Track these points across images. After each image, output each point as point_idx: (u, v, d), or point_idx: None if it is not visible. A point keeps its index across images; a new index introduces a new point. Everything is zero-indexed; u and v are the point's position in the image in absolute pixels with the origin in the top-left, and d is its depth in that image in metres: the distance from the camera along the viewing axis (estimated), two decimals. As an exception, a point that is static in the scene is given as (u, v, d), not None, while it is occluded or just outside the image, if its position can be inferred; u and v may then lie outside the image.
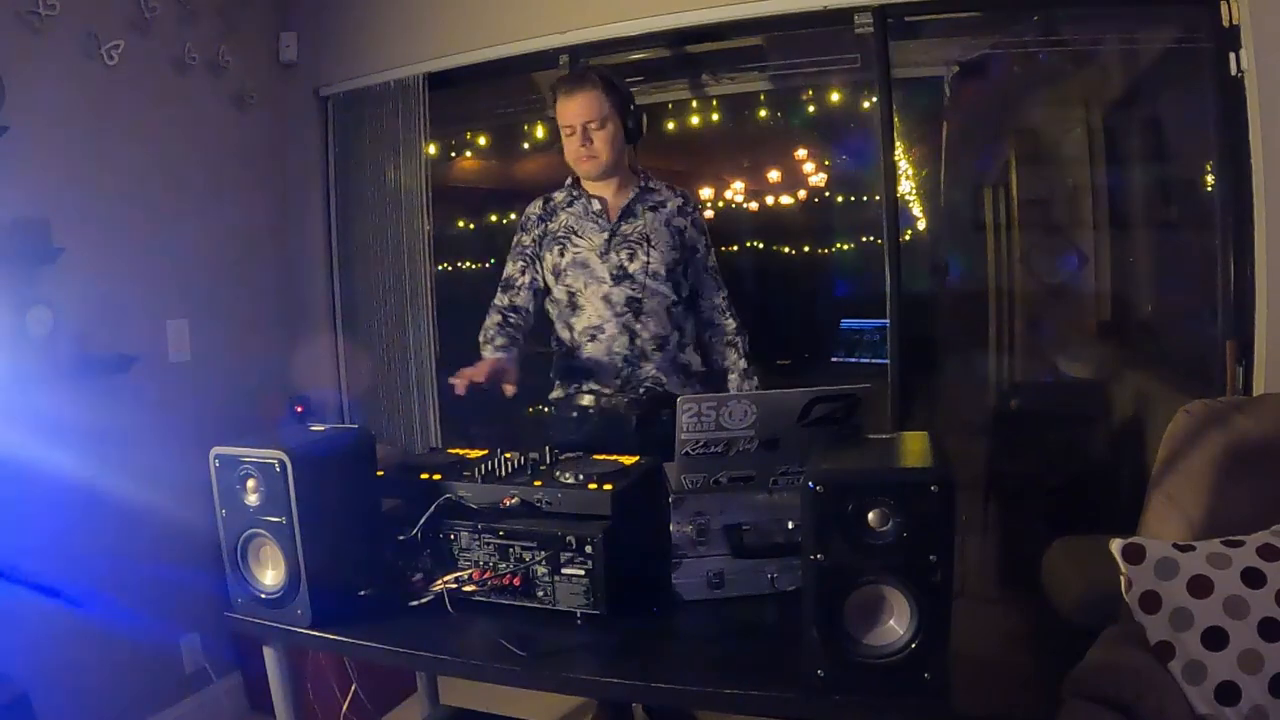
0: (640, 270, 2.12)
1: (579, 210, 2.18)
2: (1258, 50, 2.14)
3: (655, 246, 2.14)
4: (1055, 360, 3.54)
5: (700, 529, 1.41)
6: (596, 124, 2.07)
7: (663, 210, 2.19)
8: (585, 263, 2.14)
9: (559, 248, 2.17)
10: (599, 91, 2.07)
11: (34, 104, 2.23)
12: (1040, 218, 3.55)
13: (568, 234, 2.17)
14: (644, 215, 2.17)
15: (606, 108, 2.08)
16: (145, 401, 2.51)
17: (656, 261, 2.13)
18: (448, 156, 4.06)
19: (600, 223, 2.16)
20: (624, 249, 2.14)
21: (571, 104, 2.07)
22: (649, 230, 2.15)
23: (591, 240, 2.15)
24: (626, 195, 2.18)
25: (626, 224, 2.16)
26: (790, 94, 3.68)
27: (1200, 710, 1.45)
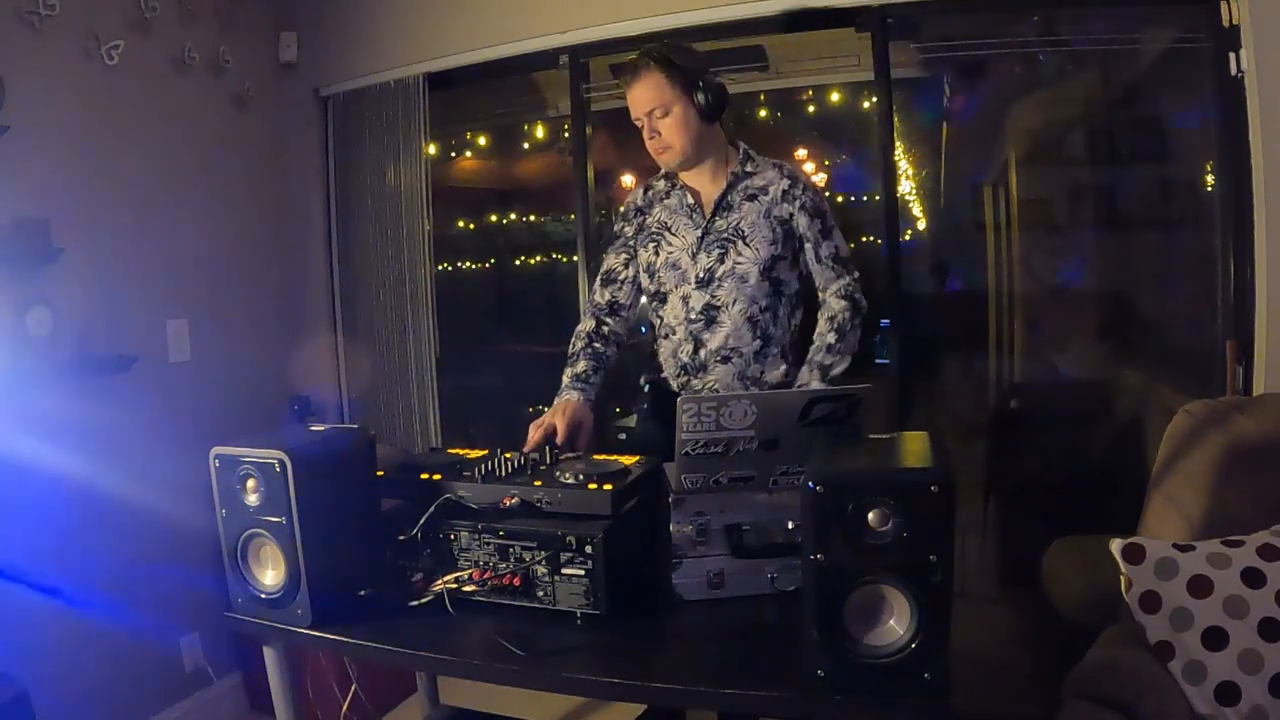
0: (728, 273, 1.92)
1: (675, 203, 2.00)
2: (1258, 50, 2.14)
3: (749, 243, 1.91)
4: (1055, 360, 3.54)
5: (700, 529, 1.41)
6: (660, 111, 1.88)
7: (763, 198, 1.93)
8: (677, 263, 1.97)
9: (653, 245, 2.00)
10: (657, 75, 1.87)
11: (34, 104, 2.24)
12: (1040, 218, 3.55)
13: (662, 230, 2.00)
14: (740, 207, 1.94)
15: (668, 91, 1.87)
16: (145, 401, 2.52)
17: (748, 261, 1.91)
18: (448, 156, 4.06)
19: (695, 218, 1.96)
20: (715, 248, 1.94)
21: (631, 94, 1.90)
22: (744, 224, 1.92)
23: (685, 238, 1.97)
24: (720, 184, 1.96)
25: (721, 218, 1.94)
26: (791, 94, 3.69)
27: (1200, 710, 1.45)
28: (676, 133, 1.89)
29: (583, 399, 1.92)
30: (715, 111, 1.91)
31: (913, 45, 2.68)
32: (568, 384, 1.96)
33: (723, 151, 1.98)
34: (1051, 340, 3.54)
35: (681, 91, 1.88)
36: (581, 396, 1.92)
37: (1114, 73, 3.18)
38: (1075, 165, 3.46)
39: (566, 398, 1.92)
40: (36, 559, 2.16)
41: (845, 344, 1.90)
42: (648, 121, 1.90)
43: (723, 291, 1.93)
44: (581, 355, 2.00)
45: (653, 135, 1.90)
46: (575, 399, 1.91)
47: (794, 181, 1.94)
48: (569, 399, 1.91)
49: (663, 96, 1.87)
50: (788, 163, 2.00)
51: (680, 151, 1.91)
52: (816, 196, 1.95)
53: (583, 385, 1.95)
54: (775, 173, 1.96)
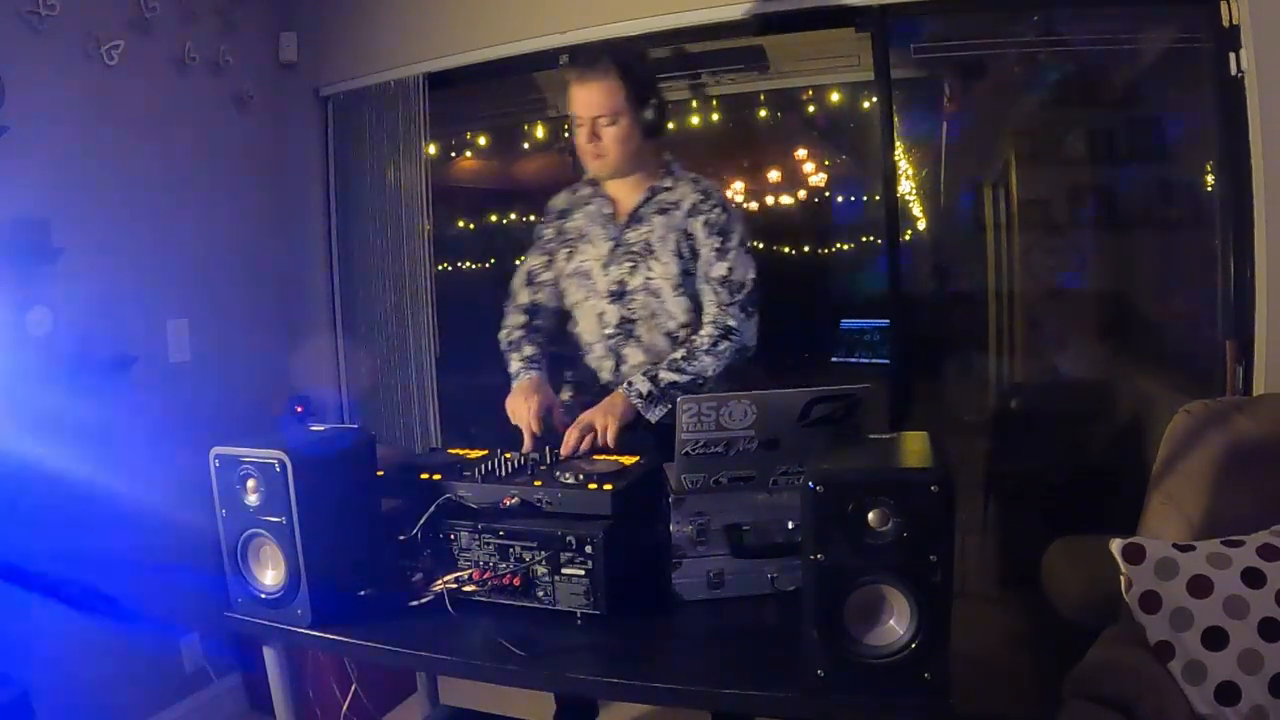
0: (640, 287, 1.89)
1: (594, 210, 1.97)
2: (1258, 50, 2.14)
3: (658, 258, 1.87)
4: (1055, 360, 3.54)
5: (700, 529, 1.41)
6: (607, 119, 1.82)
7: (674, 212, 1.90)
8: (587, 273, 1.94)
9: (567, 251, 1.97)
10: (612, 81, 1.80)
11: (34, 104, 2.23)
12: (1040, 218, 3.55)
13: (577, 237, 1.97)
14: (651, 220, 1.90)
15: (620, 101, 1.81)
16: (145, 401, 2.51)
17: (659, 276, 1.87)
18: (448, 156, 4.06)
19: (609, 228, 1.93)
20: (626, 260, 1.90)
21: (581, 94, 1.82)
22: (653, 238, 1.89)
23: (598, 247, 1.94)
24: (638, 196, 1.93)
25: (633, 230, 1.91)
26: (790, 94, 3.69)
27: (1200, 710, 1.45)
28: (617, 144, 1.84)
29: (541, 377, 1.89)
30: (657, 129, 1.88)
31: (912, 45, 2.68)
32: (522, 366, 1.91)
33: (651, 166, 1.93)
34: (1051, 340, 3.55)
35: (632, 103, 1.83)
36: (539, 374, 1.89)
37: (1114, 73, 3.19)
38: (1075, 165, 3.46)
39: (527, 376, 1.88)
40: (36, 559, 2.16)
41: (692, 363, 1.81)
42: (590, 125, 1.83)
43: (637, 305, 1.90)
44: (524, 342, 1.95)
45: (592, 140, 1.84)
46: (535, 376, 1.88)
47: (706, 196, 1.89)
48: (530, 377, 1.88)
49: (614, 104, 1.81)
50: (711, 181, 1.95)
51: (614, 163, 1.87)
52: (726, 216, 1.88)
53: (538, 366, 1.91)
54: (690, 187, 1.91)
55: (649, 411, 1.78)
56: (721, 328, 1.85)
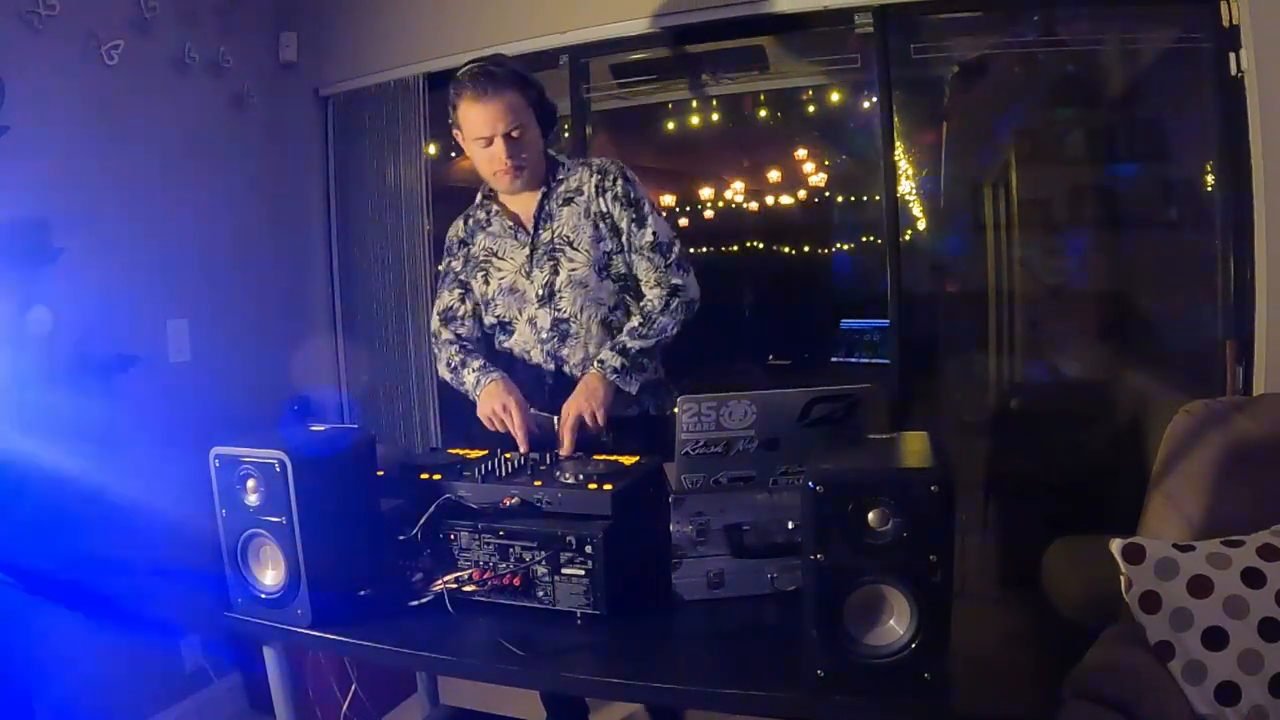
0: (565, 282, 1.89)
1: (496, 228, 1.97)
2: (1258, 50, 2.14)
3: (577, 247, 1.88)
4: (1055, 360, 3.54)
5: (700, 529, 1.41)
6: (519, 130, 1.82)
7: (579, 199, 1.91)
8: (513, 287, 1.94)
9: (482, 275, 1.97)
10: (512, 94, 1.81)
11: (34, 104, 2.23)
12: (1040, 218, 3.55)
13: (489, 258, 1.97)
14: (560, 213, 1.91)
15: (524, 110, 1.83)
16: (145, 401, 2.51)
17: (582, 265, 1.88)
18: (448, 156, 4.06)
19: (520, 237, 1.93)
20: (546, 260, 1.90)
21: (484, 112, 1.80)
22: (567, 229, 1.89)
23: (514, 259, 1.93)
24: (535, 198, 1.93)
25: (544, 230, 1.91)
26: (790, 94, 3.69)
27: (1200, 710, 1.45)
28: (532, 151, 1.87)
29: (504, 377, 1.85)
30: (550, 126, 1.93)
31: (912, 45, 2.68)
32: (480, 371, 1.87)
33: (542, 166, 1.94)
34: (1051, 340, 3.54)
35: (532, 110, 1.86)
36: (501, 376, 1.85)
37: (1114, 73, 3.18)
38: (1075, 165, 3.46)
39: (491, 379, 1.84)
40: (36, 559, 2.16)
41: (652, 327, 1.85)
42: (504, 142, 1.82)
43: (565, 302, 1.89)
44: (470, 357, 1.92)
45: (511, 154, 1.83)
46: (499, 377, 1.84)
47: (604, 174, 1.91)
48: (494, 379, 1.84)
49: (521, 115, 1.82)
50: (599, 158, 1.97)
51: (534, 169, 1.88)
52: (629, 185, 1.91)
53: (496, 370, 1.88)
54: (585, 171, 1.93)
55: (626, 383, 1.81)
56: (668, 288, 1.89)
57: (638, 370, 1.83)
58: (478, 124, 1.82)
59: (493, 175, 1.89)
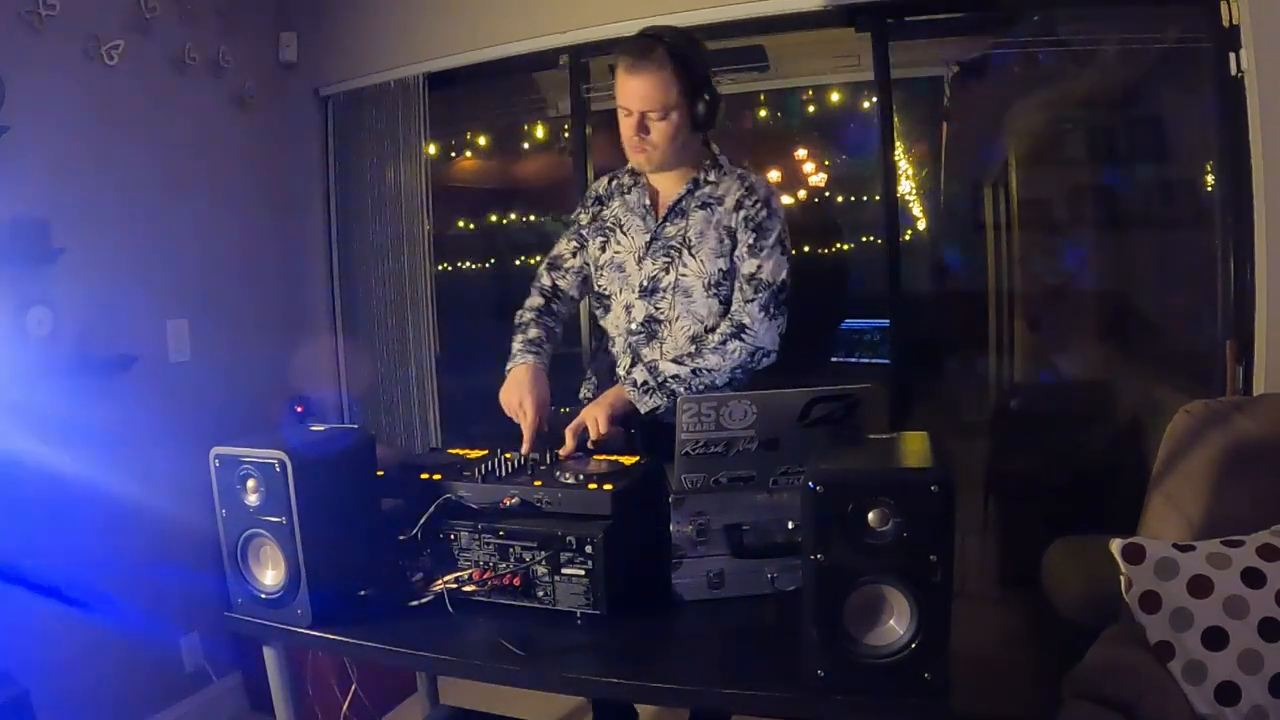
0: (672, 284, 1.80)
1: (634, 200, 1.88)
2: (1258, 50, 2.14)
3: (695, 254, 1.79)
4: (1055, 360, 3.54)
5: (700, 529, 1.41)
6: (659, 113, 1.71)
7: (717, 207, 1.80)
8: (622, 265, 1.87)
9: (601, 240, 1.89)
10: (666, 72, 1.69)
11: (34, 104, 2.23)
12: (1040, 218, 3.55)
13: (614, 226, 1.88)
14: (693, 214, 1.81)
15: (674, 94, 1.70)
16: (145, 401, 2.51)
17: (692, 274, 1.79)
18: (448, 156, 4.06)
19: (647, 220, 1.85)
20: (661, 255, 1.82)
21: (632, 84, 1.70)
22: (692, 233, 1.80)
23: (634, 239, 1.86)
24: (680, 188, 1.83)
25: (671, 224, 1.82)
26: (790, 94, 3.69)
27: (1200, 710, 1.45)
28: (666, 138, 1.74)
29: (538, 363, 1.80)
30: (709, 123, 1.79)
31: (912, 45, 2.68)
32: (521, 349, 1.82)
33: (697, 158, 1.85)
34: (1051, 340, 3.54)
35: (684, 96, 1.72)
36: (537, 361, 1.80)
37: (1114, 73, 3.18)
38: (1075, 165, 3.46)
39: (523, 362, 1.79)
40: (37, 559, 2.16)
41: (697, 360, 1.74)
42: (639, 118, 1.72)
43: (665, 304, 1.81)
44: (533, 324, 1.88)
45: (640, 133, 1.73)
46: (532, 363, 1.79)
47: (750, 192, 1.80)
48: (526, 364, 1.79)
49: (667, 98, 1.70)
50: (758, 176, 1.85)
51: (662, 158, 1.78)
52: (766, 212, 1.78)
53: (537, 350, 1.83)
54: (736, 183, 1.82)
55: (641, 402, 1.72)
56: (735, 325, 1.77)
57: (661, 393, 1.72)
58: (622, 94, 1.73)
59: (627, 149, 1.80)
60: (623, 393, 1.75)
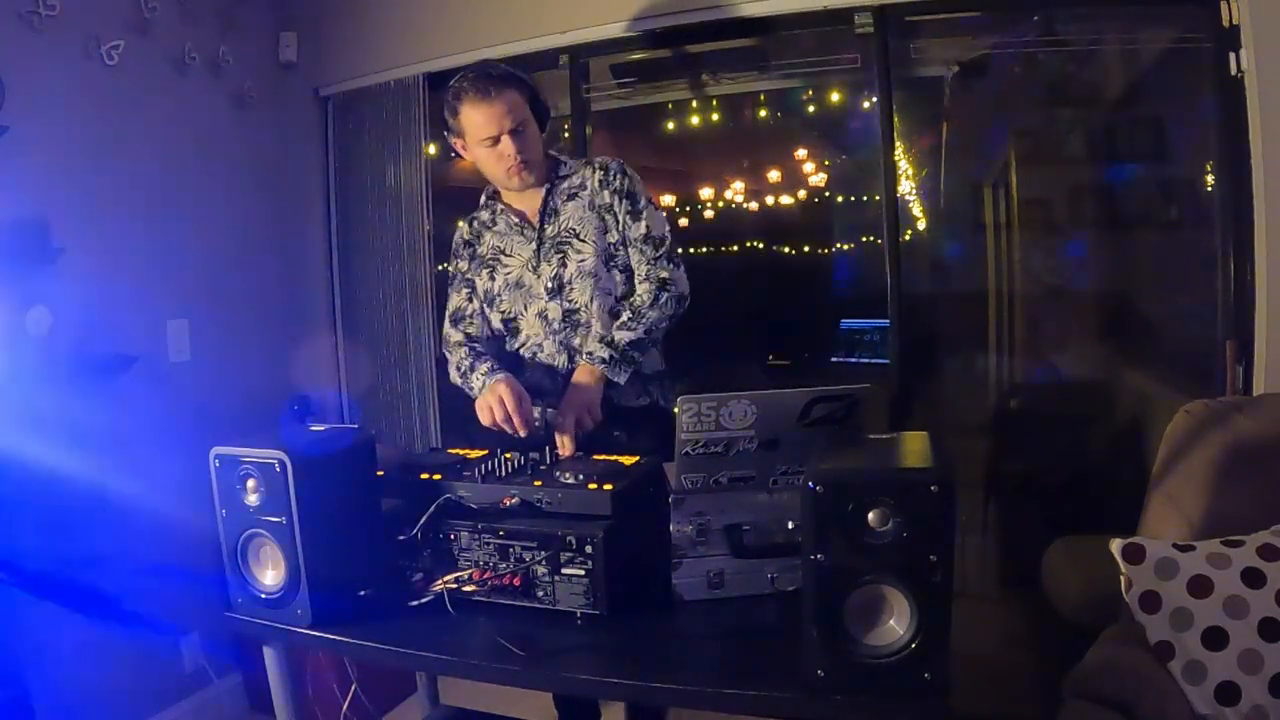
0: (574, 273, 1.93)
1: (503, 227, 2.01)
2: (1258, 50, 2.14)
3: (585, 239, 1.93)
4: (1055, 360, 3.54)
5: (700, 529, 1.41)
6: (521, 127, 1.87)
7: (583, 194, 1.97)
8: (519, 281, 1.97)
9: (488, 272, 2.01)
10: (513, 93, 1.86)
11: (34, 104, 2.23)
12: (1040, 218, 3.55)
13: (496, 255, 2.00)
14: (564, 208, 1.96)
15: (525, 109, 1.89)
16: (145, 401, 2.51)
17: (590, 255, 1.92)
18: (448, 156, 4.05)
19: (526, 234, 1.98)
20: (554, 254, 1.94)
21: (487, 111, 1.84)
22: (573, 223, 1.95)
23: (521, 254, 1.98)
24: (539, 194, 1.97)
25: (550, 224, 1.96)
26: (790, 94, 3.69)
27: (1200, 710, 1.45)
28: (535, 148, 1.91)
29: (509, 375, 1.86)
30: (545, 127, 1.96)
31: (912, 45, 2.68)
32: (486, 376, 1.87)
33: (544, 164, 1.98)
34: (1051, 340, 3.55)
35: (532, 109, 1.90)
36: (507, 374, 1.86)
37: (1114, 73, 3.19)
38: (1075, 165, 3.46)
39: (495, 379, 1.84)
40: (36, 559, 2.16)
41: (640, 321, 1.89)
42: (511, 138, 1.86)
43: (576, 293, 1.93)
44: (479, 361, 1.92)
45: (519, 151, 1.87)
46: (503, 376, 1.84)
47: (606, 170, 1.97)
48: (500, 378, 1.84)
49: (522, 112, 1.87)
50: (601, 157, 2.01)
51: (539, 166, 1.92)
52: (627, 180, 1.96)
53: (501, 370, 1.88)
54: (588, 169, 1.99)
55: (617, 374, 1.85)
56: (656, 281, 1.93)
57: (627, 363, 1.86)
58: (482, 124, 1.86)
59: (504, 174, 1.92)
60: (594, 372, 1.83)
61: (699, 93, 3.42)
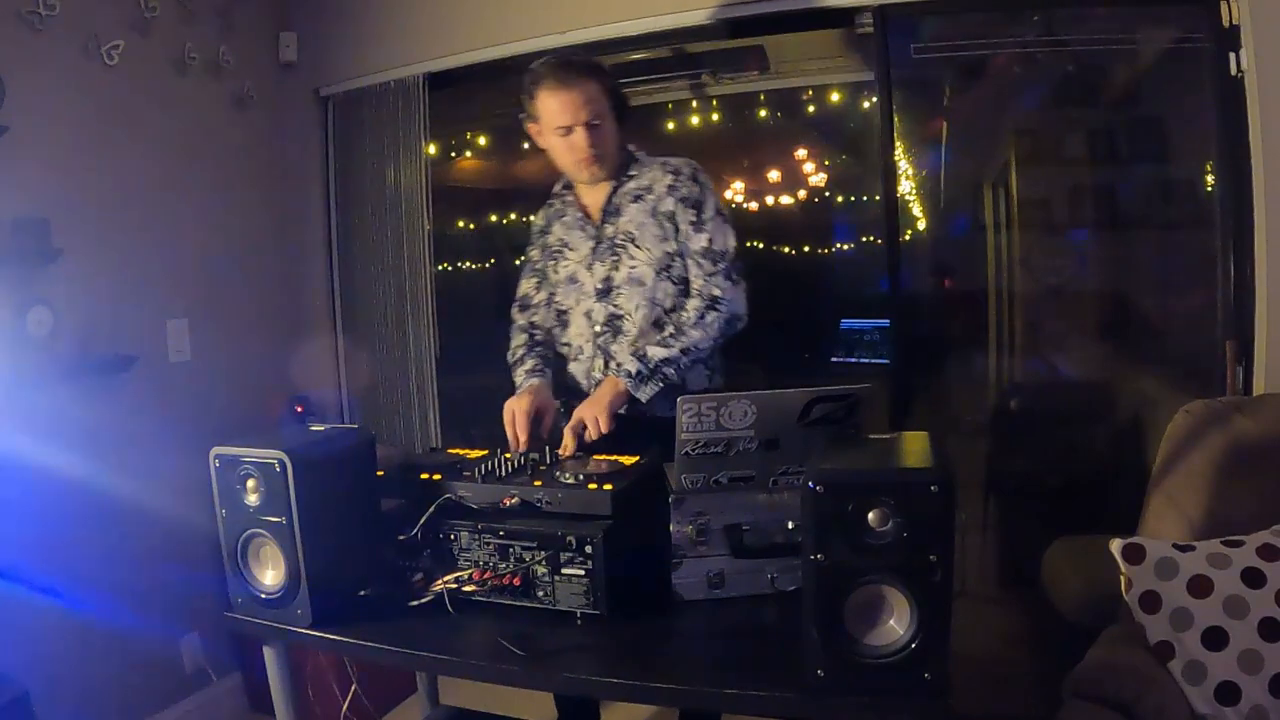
0: (624, 279, 1.88)
1: (570, 218, 1.98)
2: (1258, 50, 2.14)
3: (640, 245, 1.87)
4: (1055, 360, 3.54)
5: (700, 529, 1.41)
6: (597, 120, 1.82)
7: (648, 197, 1.89)
8: (574, 277, 1.94)
9: (553, 263, 1.99)
10: (592, 84, 1.81)
11: (34, 104, 2.23)
12: (1040, 218, 3.55)
13: (560, 247, 1.98)
14: (626, 209, 1.90)
15: (603, 101, 1.83)
16: (145, 401, 2.51)
17: (642, 264, 1.87)
18: (448, 156, 4.06)
19: (586, 229, 1.94)
20: (608, 255, 1.90)
21: (564, 100, 1.80)
22: (632, 226, 1.88)
23: (579, 250, 1.94)
24: (606, 190, 1.92)
25: (610, 224, 1.91)
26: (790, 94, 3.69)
27: (1200, 710, 1.45)
28: (610, 142, 1.86)
29: (543, 383, 1.87)
30: (624, 122, 1.91)
31: (912, 45, 2.68)
32: (524, 377, 1.90)
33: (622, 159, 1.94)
34: (1051, 340, 3.55)
35: (610, 101, 1.85)
36: (541, 381, 1.87)
37: (1114, 73, 3.19)
38: (1075, 165, 3.46)
39: (529, 383, 1.87)
40: (36, 559, 2.16)
41: (680, 338, 1.81)
42: (584, 132, 1.81)
43: (622, 298, 1.88)
44: (528, 356, 1.94)
45: (592, 145, 1.83)
46: (536, 383, 1.86)
47: (677, 174, 1.90)
48: (530, 384, 1.87)
49: (600, 105, 1.82)
50: (677, 159, 1.95)
51: (611, 160, 1.88)
52: (696, 188, 1.88)
53: (539, 374, 1.90)
54: (660, 170, 1.91)
55: (639, 390, 1.77)
56: (707, 299, 1.84)
57: (656, 380, 1.77)
58: (558, 112, 1.81)
59: (574, 165, 1.88)
60: (618, 385, 1.78)
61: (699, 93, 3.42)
